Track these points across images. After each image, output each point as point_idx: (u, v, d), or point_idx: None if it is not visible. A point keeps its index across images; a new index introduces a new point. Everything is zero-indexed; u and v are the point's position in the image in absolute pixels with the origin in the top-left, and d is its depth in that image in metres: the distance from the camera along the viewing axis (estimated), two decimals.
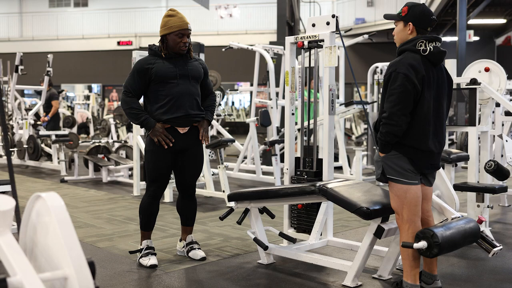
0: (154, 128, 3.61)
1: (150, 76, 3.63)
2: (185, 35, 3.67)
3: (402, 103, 2.83)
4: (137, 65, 3.68)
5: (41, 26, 24.33)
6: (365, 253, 3.19)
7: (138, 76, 3.64)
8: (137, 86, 3.65)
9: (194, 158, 3.79)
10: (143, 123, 3.62)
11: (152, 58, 3.70)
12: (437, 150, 2.98)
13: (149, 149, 3.71)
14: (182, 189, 3.88)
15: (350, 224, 5.09)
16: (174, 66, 3.67)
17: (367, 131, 10.26)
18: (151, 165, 3.70)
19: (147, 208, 3.76)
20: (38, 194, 1.52)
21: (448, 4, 15.91)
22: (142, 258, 3.73)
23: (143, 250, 3.75)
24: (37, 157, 9.52)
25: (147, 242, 3.78)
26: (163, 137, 3.62)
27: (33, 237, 1.56)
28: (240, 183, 7.80)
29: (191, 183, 3.86)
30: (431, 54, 2.91)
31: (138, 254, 3.79)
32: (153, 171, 3.70)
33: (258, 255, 3.89)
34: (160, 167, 3.70)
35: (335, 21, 3.89)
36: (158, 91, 3.64)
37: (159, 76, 3.62)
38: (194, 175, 3.84)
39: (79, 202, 6.24)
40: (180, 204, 3.91)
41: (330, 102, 3.98)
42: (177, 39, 3.66)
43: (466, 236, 2.93)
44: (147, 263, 3.68)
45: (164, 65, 3.66)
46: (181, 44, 3.67)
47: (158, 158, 3.68)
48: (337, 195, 3.21)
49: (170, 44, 3.68)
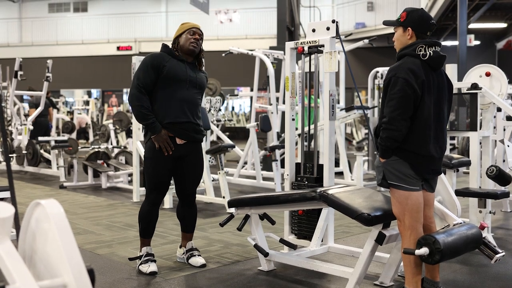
0: (160, 133, 3.59)
1: (161, 73, 3.62)
2: (196, 32, 3.75)
3: (402, 107, 2.83)
4: (150, 60, 3.65)
5: (41, 31, 24.39)
6: (366, 259, 3.18)
7: (152, 70, 3.62)
8: (149, 81, 3.61)
9: (194, 165, 3.79)
10: (150, 126, 3.59)
11: (166, 56, 3.71)
12: (438, 155, 2.98)
13: (148, 156, 3.70)
14: (182, 196, 3.87)
15: (351, 230, 5.09)
16: (186, 70, 3.70)
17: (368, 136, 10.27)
18: (151, 172, 3.69)
19: (146, 216, 3.75)
20: (38, 201, 1.52)
21: (449, 9, 15.95)
22: (141, 265, 3.71)
23: (142, 257, 3.74)
24: (36, 163, 9.53)
25: (147, 249, 3.77)
26: (166, 144, 3.61)
27: (32, 244, 1.56)
28: (241, 189, 7.79)
29: (191, 190, 3.86)
30: (431, 59, 2.92)
31: (137, 261, 3.78)
32: (153, 178, 3.69)
33: (258, 261, 3.88)
34: (160, 174, 3.69)
35: (335, 26, 3.90)
36: (165, 90, 3.63)
37: (171, 75, 3.62)
38: (194, 182, 3.84)
39: (78, 208, 6.24)
40: (180, 211, 3.91)
41: (331, 107, 3.99)
42: (189, 35, 3.73)
43: (468, 242, 2.92)
44: (147, 270, 3.66)
45: (177, 65, 3.68)
46: (192, 40, 3.72)
47: (158, 164, 3.66)
48: (338, 201, 3.21)
49: (182, 43, 3.73)
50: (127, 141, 11.14)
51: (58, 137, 10.52)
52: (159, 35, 23.32)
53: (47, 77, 9.62)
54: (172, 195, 6.31)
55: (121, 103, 22.50)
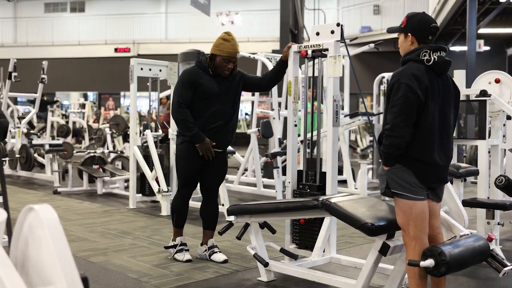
0: (204, 142, 4.09)
1: (197, 89, 4.12)
2: (231, 61, 4.16)
3: (405, 114, 2.84)
4: (187, 77, 4.15)
5: (36, 31, 24.46)
6: (369, 271, 3.18)
7: (190, 87, 4.12)
8: (188, 97, 4.12)
9: (220, 163, 4.31)
10: (195, 136, 4.08)
11: (201, 72, 4.17)
12: (443, 162, 2.98)
13: (182, 155, 4.23)
14: (207, 193, 4.37)
15: (354, 241, 5.08)
16: (218, 86, 4.17)
17: (373, 144, 10.27)
18: (184, 171, 4.25)
19: (179, 208, 4.30)
20: (31, 206, 1.52)
21: (458, 13, 15.97)
22: (177, 254, 4.26)
23: (177, 246, 4.28)
24: (30, 167, 9.53)
25: (181, 239, 4.32)
26: (207, 151, 4.12)
27: (24, 251, 1.56)
28: (240, 196, 7.80)
29: (216, 186, 4.38)
30: (436, 64, 2.93)
31: (171, 250, 4.29)
32: (185, 176, 4.25)
33: (258, 272, 3.88)
34: (191, 172, 4.23)
35: (340, 30, 3.92)
36: (201, 104, 4.13)
37: (205, 92, 4.12)
38: (220, 178, 4.37)
39: (73, 214, 6.24)
40: (203, 209, 4.39)
41: (334, 113, 4.00)
42: (224, 63, 4.14)
43: (475, 254, 2.92)
44: (183, 258, 4.23)
45: (210, 82, 4.15)
46: (226, 69, 4.16)
47: (190, 165, 4.20)
48: (341, 210, 3.21)
49: (217, 64, 4.15)
50: (124, 146, 11.15)
51: (52, 141, 10.53)
52: (158, 36, 23.38)
53: (42, 79, 9.64)
54: (169, 202, 6.31)
55: (118, 107, 22.56)
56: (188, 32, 22.66)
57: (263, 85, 4.39)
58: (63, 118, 16.62)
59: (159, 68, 6.85)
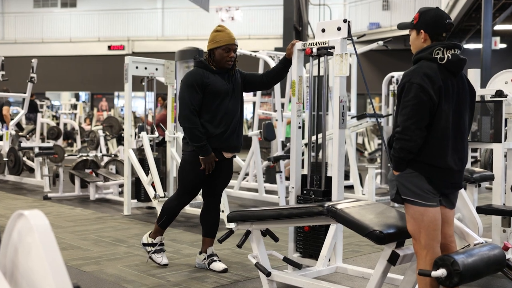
0: (210, 156, 4.11)
1: (205, 90, 4.11)
2: (231, 50, 4.15)
3: (417, 116, 2.84)
4: (193, 79, 4.11)
5: (25, 28, 24.52)
6: (378, 281, 3.18)
7: (199, 89, 4.10)
8: (197, 100, 4.10)
9: (225, 168, 4.32)
10: (202, 148, 4.09)
11: (205, 72, 4.15)
12: (457, 167, 2.98)
13: (189, 161, 4.21)
14: (210, 198, 4.39)
15: (362, 249, 5.09)
16: (227, 82, 4.19)
17: (381, 147, 10.27)
18: (189, 177, 4.24)
19: (173, 212, 4.34)
20: (21, 212, 1.53)
21: (472, 8, 15.98)
22: (155, 254, 4.32)
23: (156, 245, 4.33)
24: (18, 171, 9.54)
25: (161, 238, 4.37)
26: (210, 166, 4.14)
27: (14, 259, 1.57)
28: (241, 202, 7.80)
29: (219, 192, 4.41)
30: (450, 63, 2.93)
31: (149, 248, 4.34)
32: (189, 183, 4.27)
33: (259, 282, 3.88)
34: (198, 179, 4.24)
35: (347, 26, 3.93)
36: (210, 105, 4.13)
37: (215, 91, 4.11)
38: (224, 183, 4.41)
39: (64, 221, 6.25)
40: (204, 214, 4.41)
41: (341, 115, 4.00)
42: (224, 53, 4.13)
43: (490, 264, 2.92)
44: (161, 261, 4.30)
45: (218, 80, 4.15)
46: (228, 59, 4.14)
47: (196, 172, 4.18)
48: (348, 217, 3.21)
49: (217, 58, 4.15)
50: (118, 149, 11.18)
51: (42, 144, 10.54)
52: (154, 34, 23.43)
53: (31, 78, 9.65)
54: None
55: (112, 108, 22.60)
56: (186, 28, 22.72)
57: (265, 82, 4.39)
58: (54, 120, 16.65)
59: (155, 67, 6.87)
